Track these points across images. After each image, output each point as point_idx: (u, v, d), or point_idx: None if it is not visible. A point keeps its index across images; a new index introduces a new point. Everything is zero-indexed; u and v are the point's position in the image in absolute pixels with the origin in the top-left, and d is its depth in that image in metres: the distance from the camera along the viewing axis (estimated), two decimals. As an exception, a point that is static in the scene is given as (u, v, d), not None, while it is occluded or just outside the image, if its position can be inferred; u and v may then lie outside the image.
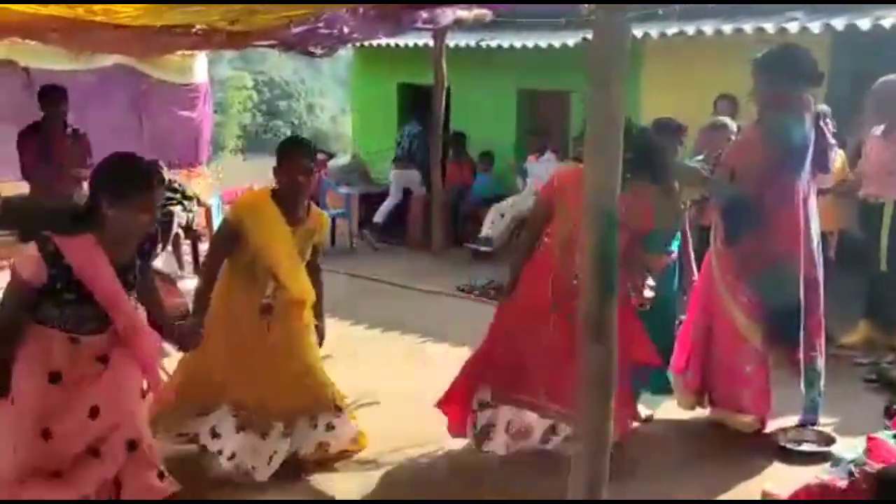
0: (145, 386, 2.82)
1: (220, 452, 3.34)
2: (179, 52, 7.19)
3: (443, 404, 3.56)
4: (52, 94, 5.23)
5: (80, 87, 6.47)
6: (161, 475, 2.81)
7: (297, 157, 3.22)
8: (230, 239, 3.26)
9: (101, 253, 2.56)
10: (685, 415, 3.92)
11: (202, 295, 3.30)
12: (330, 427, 3.43)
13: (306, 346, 3.39)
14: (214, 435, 3.37)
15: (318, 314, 3.50)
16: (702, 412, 3.90)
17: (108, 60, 7.04)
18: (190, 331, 2.96)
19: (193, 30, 4.71)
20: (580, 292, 2.90)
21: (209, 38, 4.85)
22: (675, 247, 3.82)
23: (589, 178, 1.81)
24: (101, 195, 2.54)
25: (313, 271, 3.47)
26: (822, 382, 3.71)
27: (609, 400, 1.83)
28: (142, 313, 2.85)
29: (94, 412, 2.66)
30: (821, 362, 3.70)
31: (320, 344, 3.50)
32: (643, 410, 3.90)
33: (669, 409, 3.95)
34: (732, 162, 3.63)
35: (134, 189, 2.52)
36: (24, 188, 5.40)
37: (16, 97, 6.54)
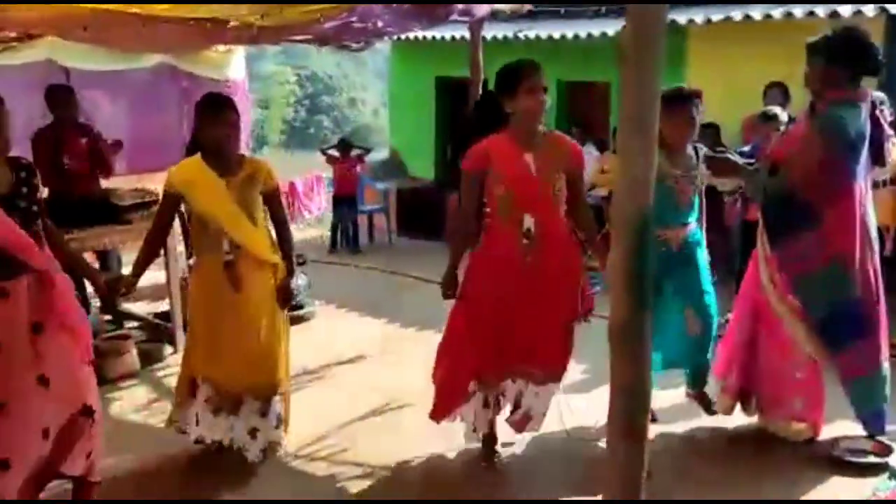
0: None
1: (199, 441, 3.50)
2: (215, 49, 7.20)
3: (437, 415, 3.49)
4: (59, 94, 5.13)
5: (124, 87, 6.51)
6: (88, 455, 2.84)
7: (214, 108, 3.29)
8: (167, 208, 3.40)
9: None
10: (731, 422, 3.74)
11: (138, 262, 3.39)
12: (262, 413, 3.45)
13: (268, 323, 3.39)
14: (197, 422, 3.46)
15: (289, 270, 3.48)
16: (750, 420, 3.72)
17: (152, 60, 7.06)
18: (117, 281, 3.19)
19: (228, 25, 4.68)
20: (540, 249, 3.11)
21: (241, 34, 4.82)
22: (692, 219, 3.62)
23: (621, 176, 1.67)
24: None
25: (279, 224, 3.49)
26: (887, 388, 3.44)
27: (646, 410, 1.70)
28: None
29: (44, 381, 2.63)
30: (887, 366, 3.43)
31: (286, 302, 3.48)
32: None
33: (714, 418, 3.77)
34: (780, 155, 3.42)
35: None
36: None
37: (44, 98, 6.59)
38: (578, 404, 3.77)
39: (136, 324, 5.38)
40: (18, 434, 2.59)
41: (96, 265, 5.35)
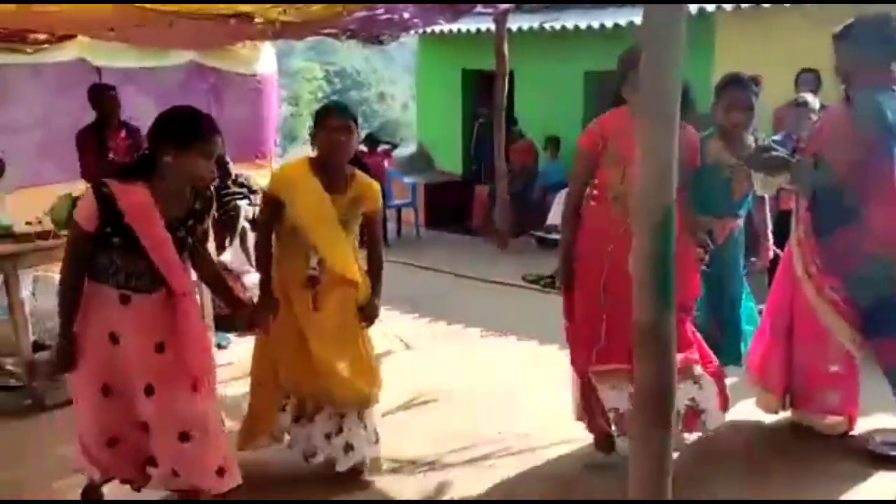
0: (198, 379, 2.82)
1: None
2: (243, 44, 7.25)
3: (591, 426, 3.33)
4: (102, 93, 5.24)
5: (154, 85, 6.58)
6: (220, 471, 2.82)
7: (331, 117, 3.06)
8: (271, 212, 3.14)
9: (151, 202, 2.63)
10: (764, 416, 3.67)
11: (263, 266, 3.20)
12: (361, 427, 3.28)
13: (352, 338, 3.20)
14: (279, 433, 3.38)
15: (376, 291, 3.29)
16: (784, 414, 3.64)
17: (181, 57, 7.14)
18: (261, 304, 3.06)
19: (251, 21, 4.71)
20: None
21: (265, 29, 4.85)
22: (742, 211, 3.55)
23: (642, 172, 1.63)
24: (162, 143, 2.60)
25: (373, 243, 3.31)
26: None
27: (669, 418, 1.67)
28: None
29: (149, 390, 2.73)
30: None
31: (370, 320, 3.27)
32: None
33: (746, 411, 3.71)
34: (818, 146, 3.32)
35: (196, 135, 2.60)
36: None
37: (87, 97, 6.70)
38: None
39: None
40: (122, 417, 2.76)
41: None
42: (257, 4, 4.05)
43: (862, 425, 3.49)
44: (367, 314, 3.24)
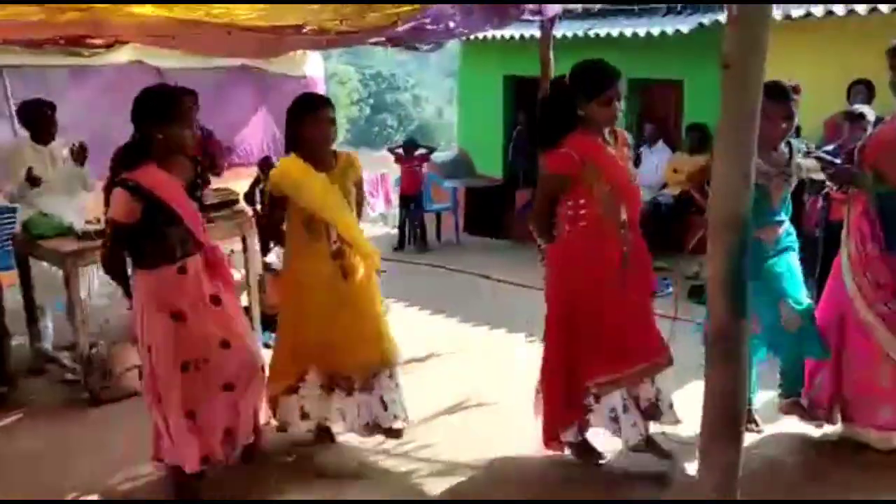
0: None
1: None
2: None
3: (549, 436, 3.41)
4: (185, 96, 5.39)
5: (209, 85, 6.74)
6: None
7: (321, 109, 3.43)
8: (278, 209, 3.49)
9: (164, 174, 2.98)
10: (814, 430, 3.65)
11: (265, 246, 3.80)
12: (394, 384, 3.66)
13: (374, 303, 3.62)
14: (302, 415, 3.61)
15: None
16: (835, 428, 3.62)
17: (235, 60, 7.31)
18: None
19: (304, 31, 4.79)
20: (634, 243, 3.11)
21: (321, 38, 4.92)
22: (785, 216, 3.53)
23: (719, 181, 1.67)
24: (147, 124, 2.94)
25: (357, 206, 3.64)
26: None
27: (740, 423, 1.69)
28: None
29: (226, 344, 3.11)
30: None
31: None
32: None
33: (794, 424, 3.69)
34: (874, 157, 3.31)
35: (171, 104, 2.97)
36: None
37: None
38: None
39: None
40: (205, 389, 3.11)
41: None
42: (318, 17, 4.13)
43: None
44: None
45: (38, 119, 4.92)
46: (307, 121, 3.41)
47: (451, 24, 5.40)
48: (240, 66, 7.44)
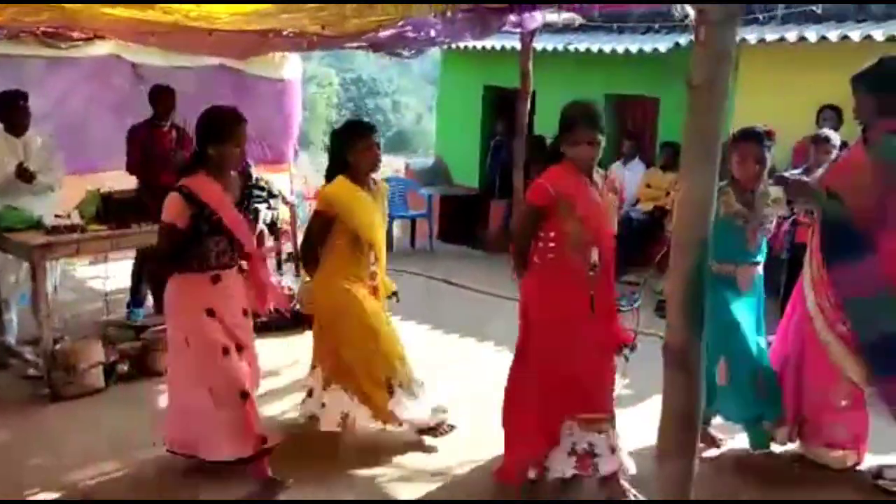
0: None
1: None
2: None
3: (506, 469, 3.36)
4: (163, 93, 5.43)
5: (186, 83, 6.72)
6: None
7: (369, 136, 3.65)
8: (323, 227, 3.65)
9: (221, 188, 3.22)
10: (773, 447, 3.70)
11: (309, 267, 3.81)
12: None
13: (388, 317, 3.87)
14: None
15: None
16: (791, 446, 3.68)
17: (213, 60, 7.27)
18: None
19: (285, 33, 4.81)
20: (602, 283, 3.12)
21: (301, 41, 4.94)
22: (760, 258, 3.62)
23: (682, 200, 1.71)
24: (206, 141, 3.18)
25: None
26: None
27: (694, 436, 1.73)
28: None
29: (239, 350, 3.29)
30: None
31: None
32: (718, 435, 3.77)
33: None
34: (833, 182, 3.41)
35: (228, 125, 3.20)
36: (125, 179, 5.63)
37: (124, 90, 6.82)
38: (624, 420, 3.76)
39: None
40: (242, 370, 3.28)
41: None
42: (299, 22, 4.15)
43: (871, 461, 3.54)
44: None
45: (12, 110, 4.87)
46: (359, 146, 3.62)
47: (433, 33, 5.44)
48: (218, 65, 7.41)
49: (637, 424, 3.63)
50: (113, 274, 5.85)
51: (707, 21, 1.57)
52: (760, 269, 3.65)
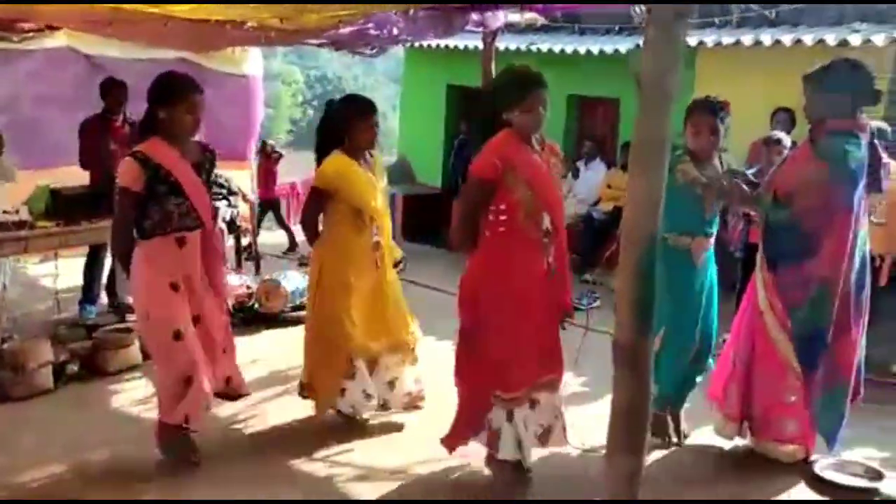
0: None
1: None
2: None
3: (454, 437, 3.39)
4: (114, 87, 5.38)
5: (145, 77, 6.60)
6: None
7: (371, 114, 3.76)
8: (319, 201, 3.78)
9: (172, 148, 3.23)
10: (723, 442, 3.78)
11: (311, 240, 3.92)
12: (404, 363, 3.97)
13: (398, 289, 4.00)
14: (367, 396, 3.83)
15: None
16: (742, 441, 3.74)
17: (172, 53, 7.14)
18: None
19: (245, 26, 4.75)
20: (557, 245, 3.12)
21: (260, 35, 4.89)
22: (714, 230, 3.69)
23: (632, 196, 1.73)
24: (156, 105, 3.21)
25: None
26: (846, 407, 3.51)
27: (643, 433, 1.75)
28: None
29: (197, 319, 3.34)
30: (847, 386, 3.49)
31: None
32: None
33: (706, 437, 3.82)
34: (781, 183, 3.48)
35: (178, 88, 3.22)
36: (80, 175, 5.51)
37: (77, 84, 6.66)
38: (578, 417, 3.79)
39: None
40: (192, 354, 3.28)
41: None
42: (256, 13, 4.10)
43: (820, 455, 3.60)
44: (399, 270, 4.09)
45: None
46: (359, 125, 3.73)
47: (395, 30, 5.42)
48: (177, 59, 7.27)
49: (591, 422, 3.65)
50: (64, 271, 5.72)
51: (656, 21, 1.59)
52: (712, 241, 3.69)
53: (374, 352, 3.84)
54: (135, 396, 4.30)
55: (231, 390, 3.62)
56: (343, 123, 3.73)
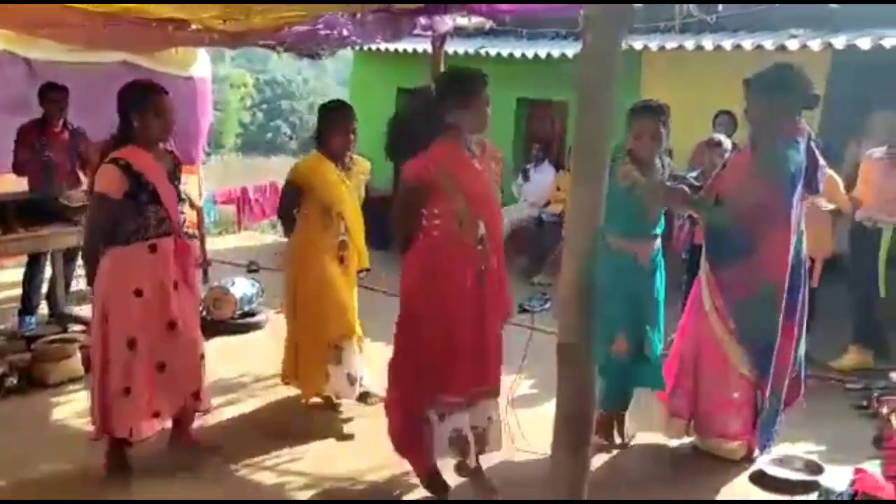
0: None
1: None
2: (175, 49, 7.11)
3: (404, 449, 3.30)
4: (53, 92, 5.23)
5: (85, 81, 6.42)
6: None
7: (350, 121, 4.05)
8: (294, 196, 4.03)
9: (149, 156, 3.28)
10: (669, 440, 3.84)
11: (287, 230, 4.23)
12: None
13: (353, 287, 4.20)
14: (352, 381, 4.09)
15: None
16: (689, 439, 3.82)
17: (113, 56, 6.96)
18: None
19: (189, 28, 4.66)
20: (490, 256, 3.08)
21: (204, 36, 4.80)
22: (658, 231, 3.74)
23: (573, 201, 1.74)
24: (128, 112, 3.25)
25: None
26: (780, 406, 3.65)
27: (588, 431, 1.76)
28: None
29: (172, 325, 3.33)
30: (782, 387, 3.61)
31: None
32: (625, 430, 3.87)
33: (653, 436, 3.88)
34: (721, 186, 3.57)
35: (145, 94, 3.28)
36: (19, 182, 5.33)
37: (17, 89, 6.44)
38: (527, 419, 3.80)
39: (80, 327, 5.26)
40: (141, 366, 3.27)
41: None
42: (199, 14, 4.02)
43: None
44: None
45: None
46: (338, 129, 4.01)
47: (345, 32, 5.39)
48: (121, 62, 7.11)
49: (540, 424, 3.67)
50: (2, 281, 5.53)
51: (593, 27, 1.60)
52: (658, 244, 3.75)
53: (352, 336, 4.09)
54: (76, 409, 4.16)
55: (196, 405, 3.58)
56: (323, 125, 4.01)
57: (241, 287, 5.76)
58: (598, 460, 3.53)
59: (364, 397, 4.19)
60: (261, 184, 9.80)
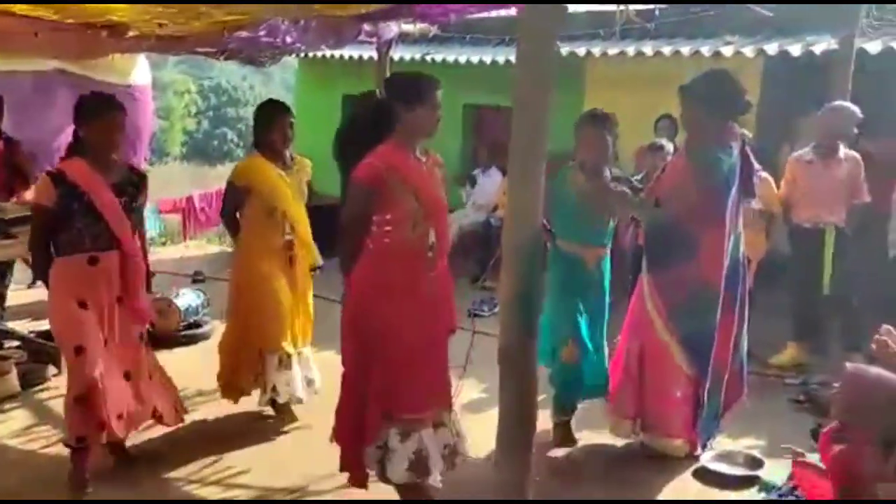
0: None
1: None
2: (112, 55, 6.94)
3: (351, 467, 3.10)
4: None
5: (18, 89, 6.20)
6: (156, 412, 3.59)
7: (287, 117, 4.01)
8: (236, 199, 4.03)
9: (93, 171, 3.27)
10: (615, 440, 3.90)
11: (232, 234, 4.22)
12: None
13: (309, 286, 4.20)
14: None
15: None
16: (635, 438, 3.87)
17: (46, 63, 6.75)
18: None
19: (126, 34, 4.56)
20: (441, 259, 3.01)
21: (140, 43, 4.70)
22: (608, 241, 3.83)
23: (511, 206, 1.75)
24: (78, 124, 3.29)
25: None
26: (719, 405, 3.75)
27: (530, 432, 1.78)
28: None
29: (107, 342, 3.31)
30: (721, 386, 3.70)
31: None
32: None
33: (600, 437, 3.92)
34: (660, 189, 3.65)
35: (95, 107, 3.27)
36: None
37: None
38: (475, 424, 3.78)
39: (16, 343, 5.07)
40: (92, 372, 3.21)
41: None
42: (136, 18, 3.94)
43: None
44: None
45: None
46: (274, 126, 3.97)
47: (288, 39, 5.34)
48: (56, 70, 6.90)
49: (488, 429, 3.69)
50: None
51: (527, 36, 1.62)
52: (607, 252, 3.83)
53: (291, 346, 4.03)
54: (12, 427, 4.02)
55: (160, 420, 3.63)
56: (260, 125, 3.99)
57: (186, 298, 5.64)
58: (542, 461, 3.54)
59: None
60: (207, 192, 9.63)
